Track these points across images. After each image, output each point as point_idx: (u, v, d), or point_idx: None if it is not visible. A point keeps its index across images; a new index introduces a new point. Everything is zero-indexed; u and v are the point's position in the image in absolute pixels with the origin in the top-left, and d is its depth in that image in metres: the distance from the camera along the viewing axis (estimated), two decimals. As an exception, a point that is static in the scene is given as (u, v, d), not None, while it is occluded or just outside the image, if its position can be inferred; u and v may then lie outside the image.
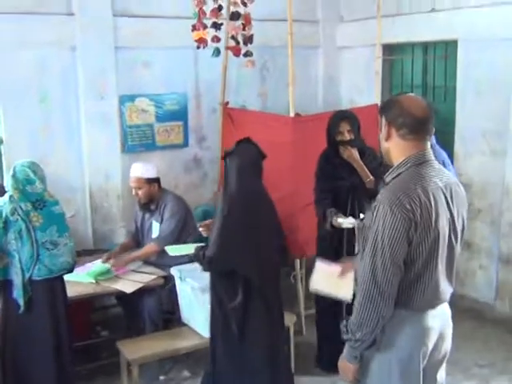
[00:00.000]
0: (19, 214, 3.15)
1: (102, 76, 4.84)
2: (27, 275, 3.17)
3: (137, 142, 5.15)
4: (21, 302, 3.16)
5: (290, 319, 3.97)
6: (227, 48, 4.84)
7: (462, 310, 4.89)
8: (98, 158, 4.91)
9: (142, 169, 4.20)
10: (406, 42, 5.46)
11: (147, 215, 4.31)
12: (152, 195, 4.20)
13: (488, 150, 4.85)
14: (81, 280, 3.87)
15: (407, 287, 2.18)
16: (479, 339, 4.55)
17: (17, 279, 3.17)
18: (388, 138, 2.25)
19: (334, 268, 2.81)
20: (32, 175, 3.27)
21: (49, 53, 4.68)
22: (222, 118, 5.21)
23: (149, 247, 4.19)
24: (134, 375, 3.46)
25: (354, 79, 6.02)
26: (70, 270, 3.40)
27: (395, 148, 2.25)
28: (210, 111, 5.48)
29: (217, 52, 4.76)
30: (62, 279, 3.39)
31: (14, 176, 3.23)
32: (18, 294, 3.17)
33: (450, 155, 5.17)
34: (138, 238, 4.45)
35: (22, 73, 4.61)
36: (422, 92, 5.50)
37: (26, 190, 3.22)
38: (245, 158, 3.19)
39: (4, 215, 3.15)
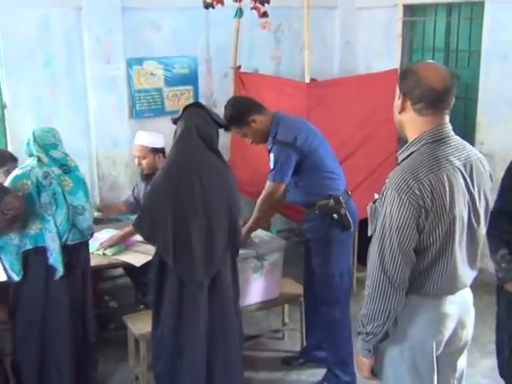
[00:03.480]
0: (53, 178, 3.04)
1: (108, 38, 4.63)
2: (63, 239, 3.08)
3: (145, 107, 4.97)
4: (59, 267, 3.06)
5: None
6: (253, 8, 4.57)
7: (480, 284, 4.71)
8: (105, 124, 4.74)
9: (147, 137, 4.00)
10: (428, 2, 5.18)
11: None
12: (156, 166, 3.96)
13: (513, 118, 4.62)
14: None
15: (420, 274, 2.03)
16: (498, 315, 4.40)
17: (53, 244, 3.06)
18: (402, 110, 2.03)
19: None
20: (53, 140, 3.16)
21: (53, 13, 4.47)
22: (234, 83, 5.01)
23: None
24: (141, 351, 3.36)
25: (372, 43, 5.74)
26: (92, 235, 3.35)
27: (409, 122, 2.03)
28: (222, 76, 5.27)
29: (240, 13, 4.53)
30: (88, 245, 3.34)
31: (35, 141, 3.10)
32: (55, 259, 3.07)
33: (473, 123, 4.96)
34: (133, 210, 4.23)
35: (26, 34, 4.42)
36: (444, 56, 5.25)
37: (50, 155, 3.10)
38: (189, 124, 2.86)
39: (35, 180, 3.02)
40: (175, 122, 2.96)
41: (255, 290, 3.64)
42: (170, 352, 2.92)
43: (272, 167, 3.34)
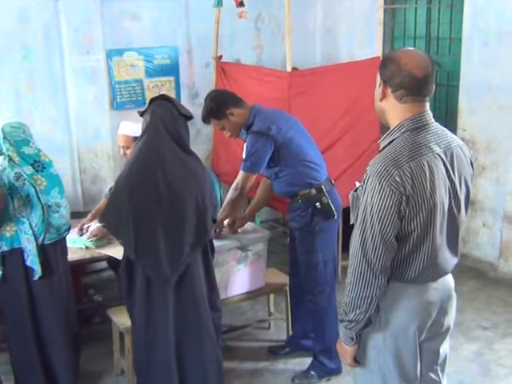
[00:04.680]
0: (25, 179, 2.97)
1: (87, 29, 4.58)
2: (40, 240, 3.02)
3: (126, 98, 4.92)
4: (37, 268, 3.02)
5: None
6: None
7: (464, 269, 4.79)
8: (86, 117, 4.69)
9: (131, 127, 3.97)
10: (409, -11, 5.18)
11: None
12: None
13: (494, 104, 4.63)
14: (70, 245, 3.72)
15: (402, 261, 2.02)
16: (482, 300, 4.44)
17: (29, 246, 3.01)
18: (383, 98, 2.02)
19: None
20: (23, 136, 3.07)
21: (31, 4, 4.40)
22: (216, 73, 4.98)
23: None
24: (126, 344, 3.34)
25: (354, 31, 5.73)
26: (69, 231, 3.28)
27: (390, 110, 2.02)
28: (203, 66, 5.23)
29: (219, 2, 4.48)
30: (65, 241, 3.29)
31: (5, 138, 3.02)
32: (32, 261, 3.02)
33: (455, 110, 4.98)
34: None
35: (3, 26, 4.35)
36: (425, 43, 5.25)
37: (22, 152, 3.02)
38: (154, 117, 2.80)
39: (7, 181, 2.96)
40: (142, 114, 2.91)
41: (240, 280, 3.63)
42: (143, 346, 2.91)
43: (244, 157, 3.35)
